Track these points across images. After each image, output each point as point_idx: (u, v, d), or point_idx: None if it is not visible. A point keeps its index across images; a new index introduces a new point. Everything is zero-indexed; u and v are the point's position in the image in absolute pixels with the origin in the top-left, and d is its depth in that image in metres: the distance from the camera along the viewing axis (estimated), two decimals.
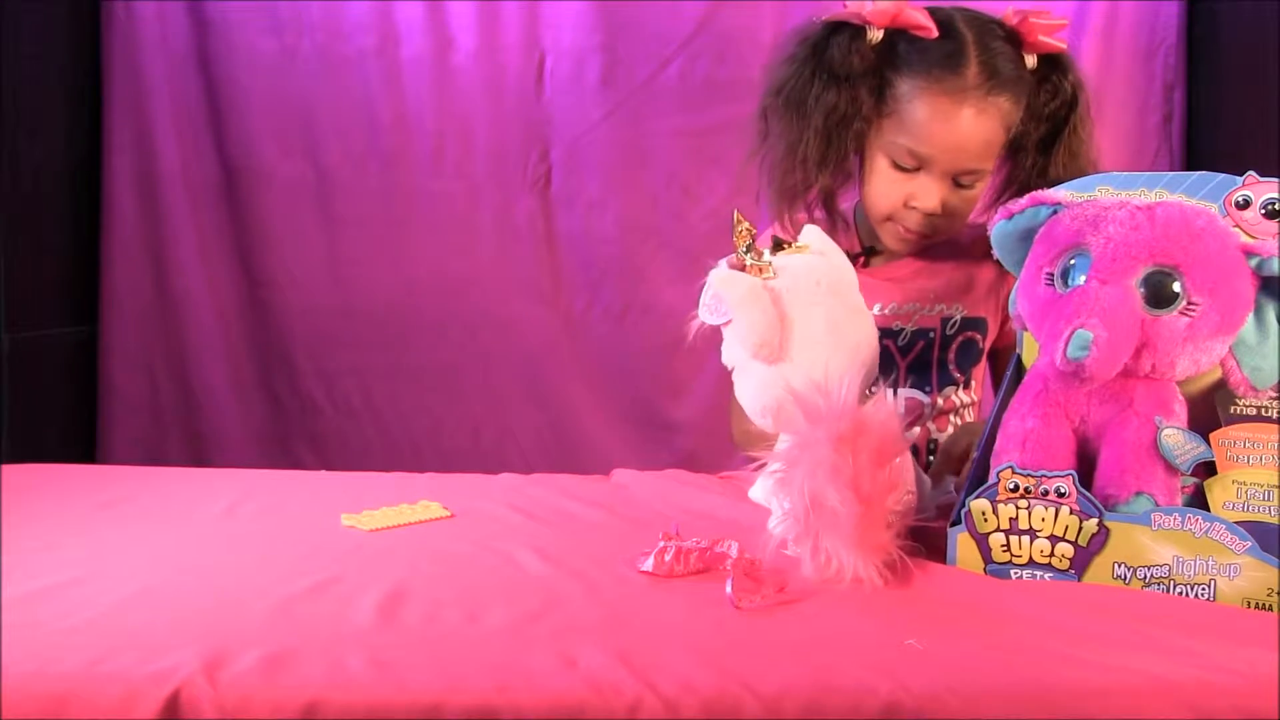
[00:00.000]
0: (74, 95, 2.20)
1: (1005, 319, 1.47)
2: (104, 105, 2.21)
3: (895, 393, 1.42)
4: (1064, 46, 1.39)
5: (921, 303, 1.44)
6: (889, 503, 1.02)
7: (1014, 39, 1.36)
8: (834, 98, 1.35)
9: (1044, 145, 1.38)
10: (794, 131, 1.38)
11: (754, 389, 1.15)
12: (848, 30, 1.36)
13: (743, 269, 1.15)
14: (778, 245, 1.18)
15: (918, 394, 1.44)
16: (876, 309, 1.41)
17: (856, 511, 0.99)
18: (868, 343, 1.17)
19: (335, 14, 2.22)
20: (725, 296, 1.12)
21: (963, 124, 1.33)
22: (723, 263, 1.18)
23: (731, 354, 1.17)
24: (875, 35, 1.35)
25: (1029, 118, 1.37)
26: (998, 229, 1.17)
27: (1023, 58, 1.36)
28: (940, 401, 1.44)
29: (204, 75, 2.23)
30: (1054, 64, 1.38)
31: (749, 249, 1.16)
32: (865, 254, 1.47)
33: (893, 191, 1.37)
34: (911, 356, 1.43)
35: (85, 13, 2.19)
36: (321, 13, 2.22)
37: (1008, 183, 1.40)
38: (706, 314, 1.16)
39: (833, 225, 1.42)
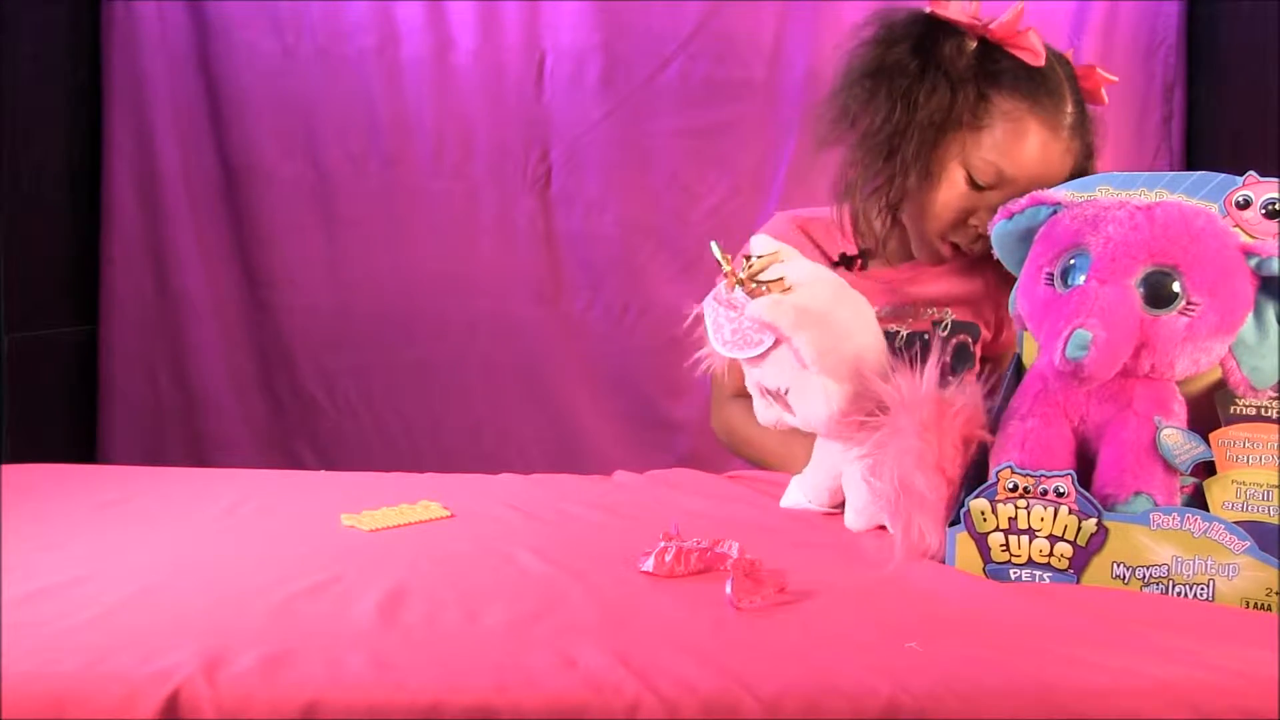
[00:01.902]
0: (74, 95, 2.20)
1: (1001, 328, 1.47)
2: (104, 105, 2.21)
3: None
4: (1106, 102, 1.40)
5: (915, 306, 1.45)
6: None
7: (1075, 80, 1.37)
8: (945, 99, 1.33)
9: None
10: (894, 125, 1.34)
11: (823, 401, 1.15)
12: (953, 31, 1.35)
13: (755, 293, 1.15)
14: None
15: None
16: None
17: (944, 494, 1.04)
18: (878, 326, 1.20)
19: (335, 14, 2.22)
20: (779, 324, 1.12)
21: (1053, 156, 1.34)
22: (721, 292, 1.18)
23: (780, 377, 1.17)
24: (972, 43, 1.34)
25: None
26: (998, 229, 1.17)
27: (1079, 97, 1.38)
28: None
29: (204, 75, 2.23)
30: (1086, 114, 1.39)
31: (748, 271, 1.16)
32: (861, 257, 1.47)
33: (957, 205, 1.37)
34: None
35: (85, 13, 2.19)
36: (321, 13, 2.22)
37: None
38: (728, 349, 1.17)
39: (892, 226, 1.42)
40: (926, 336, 1.42)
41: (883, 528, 1.14)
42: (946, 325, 1.43)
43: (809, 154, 1.44)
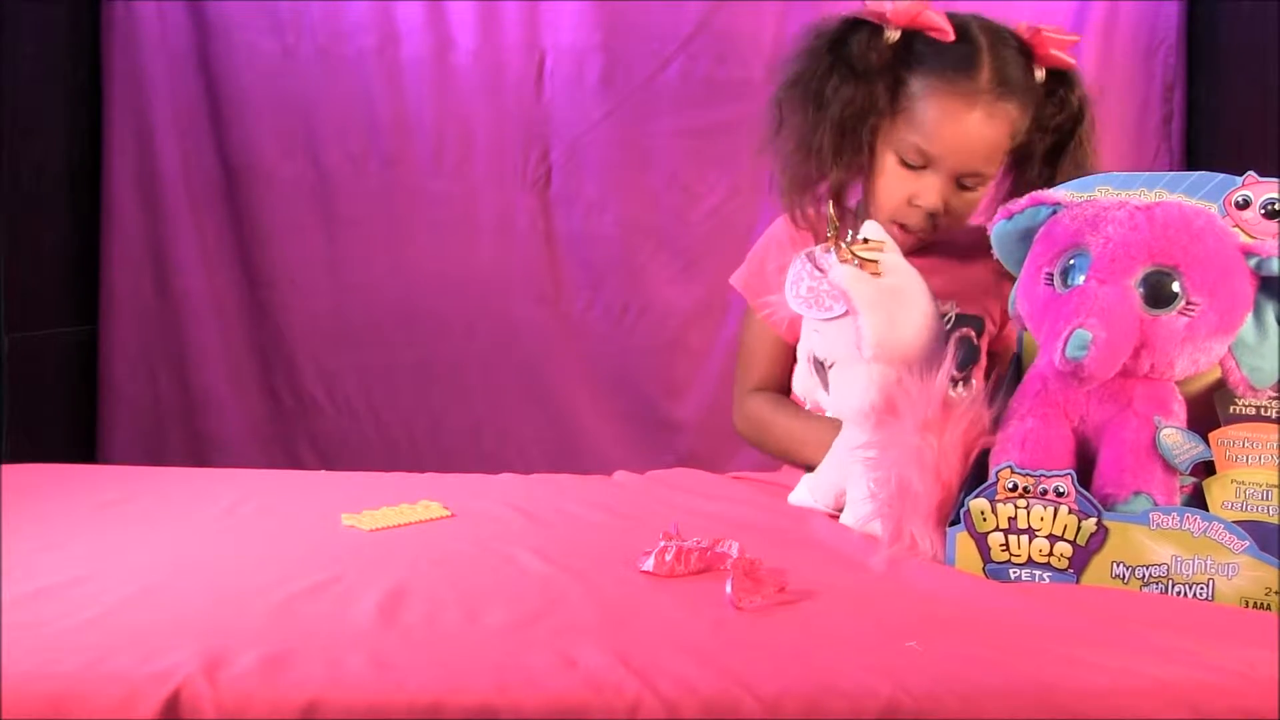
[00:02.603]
0: (74, 95, 2.20)
1: (1005, 320, 1.47)
2: (104, 105, 2.21)
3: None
4: (1073, 63, 1.41)
5: None
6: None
7: (1025, 50, 1.40)
8: (851, 92, 1.38)
9: (1050, 157, 1.41)
10: (809, 123, 1.41)
11: (862, 386, 1.15)
12: (867, 27, 1.39)
13: (846, 262, 1.16)
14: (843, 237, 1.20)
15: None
16: None
17: (938, 497, 1.05)
18: (941, 341, 1.21)
19: (335, 14, 2.22)
20: (855, 296, 1.13)
21: (971, 126, 1.36)
22: (816, 251, 1.19)
23: (833, 349, 1.18)
24: (893, 34, 1.38)
25: (1035, 129, 1.40)
26: (998, 229, 1.17)
27: (1033, 69, 1.40)
28: None
29: (204, 75, 2.22)
30: (1062, 79, 1.41)
31: (850, 243, 1.17)
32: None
33: (898, 188, 1.40)
34: None
35: (85, 13, 2.19)
36: (321, 13, 2.22)
37: (1013, 192, 1.42)
38: (798, 304, 1.18)
39: (842, 218, 1.42)
40: None
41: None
42: (950, 319, 1.43)
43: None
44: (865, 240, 1.18)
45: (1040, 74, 1.40)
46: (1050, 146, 1.41)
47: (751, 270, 1.55)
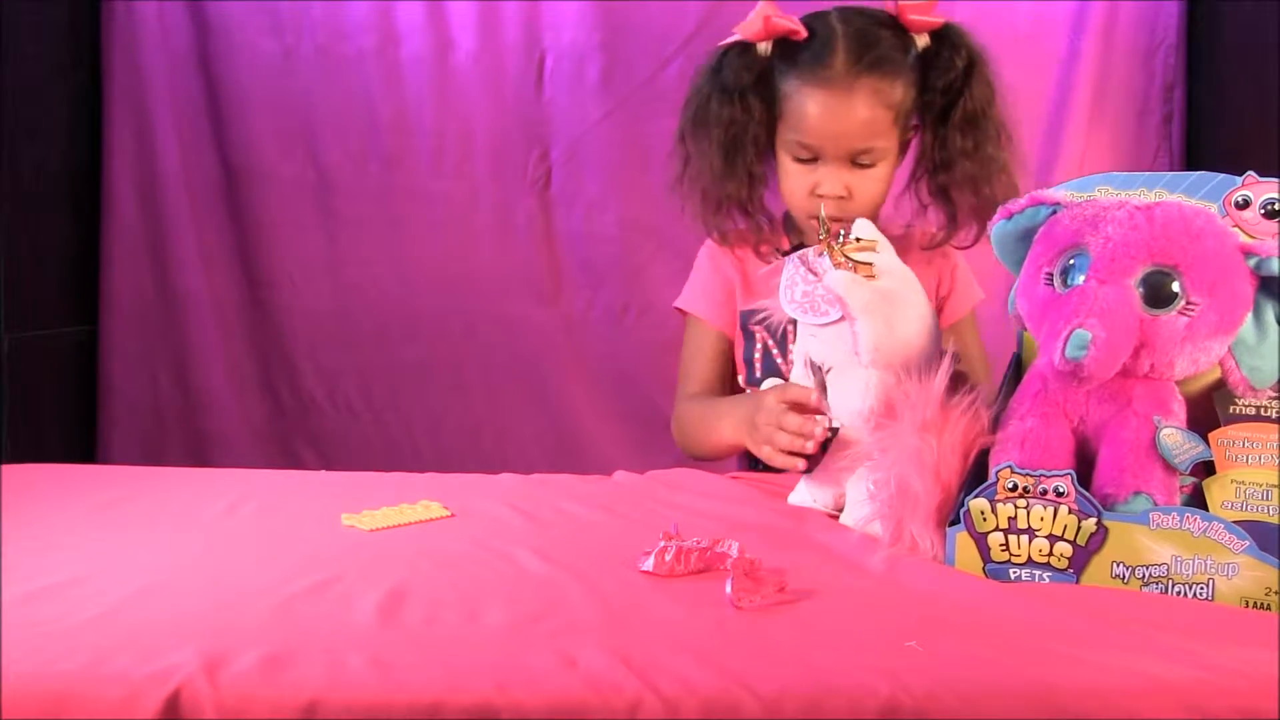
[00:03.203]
0: (74, 95, 2.20)
1: (942, 308, 1.52)
2: (104, 105, 2.21)
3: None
4: (939, 22, 1.44)
5: None
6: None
7: (896, 25, 1.44)
8: (730, 111, 1.46)
9: (942, 117, 1.45)
10: (701, 148, 1.48)
11: (861, 393, 1.15)
12: (738, 48, 1.46)
13: (840, 266, 1.16)
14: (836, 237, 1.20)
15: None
16: None
17: (938, 498, 1.05)
18: (939, 343, 1.21)
19: (335, 14, 2.22)
20: (850, 302, 1.13)
21: (836, 108, 1.41)
22: (810, 254, 1.20)
23: (830, 355, 1.18)
24: (765, 48, 1.45)
25: (924, 94, 1.45)
26: (997, 229, 1.17)
27: (906, 41, 1.44)
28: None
29: (204, 76, 2.23)
30: (943, 40, 1.45)
31: (841, 245, 1.17)
32: (796, 250, 1.49)
33: (800, 185, 1.45)
34: None
35: (85, 13, 2.20)
36: (322, 13, 2.22)
37: (919, 158, 1.48)
38: (793, 309, 1.19)
39: (756, 229, 1.52)
40: None
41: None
42: None
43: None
44: (858, 240, 1.18)
45: (924, 41, 1.44)
46: (943, 107, 1.45)
47: (692, 291, 1.59)
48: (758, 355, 1.50)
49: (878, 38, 1.43)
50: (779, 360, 1.48)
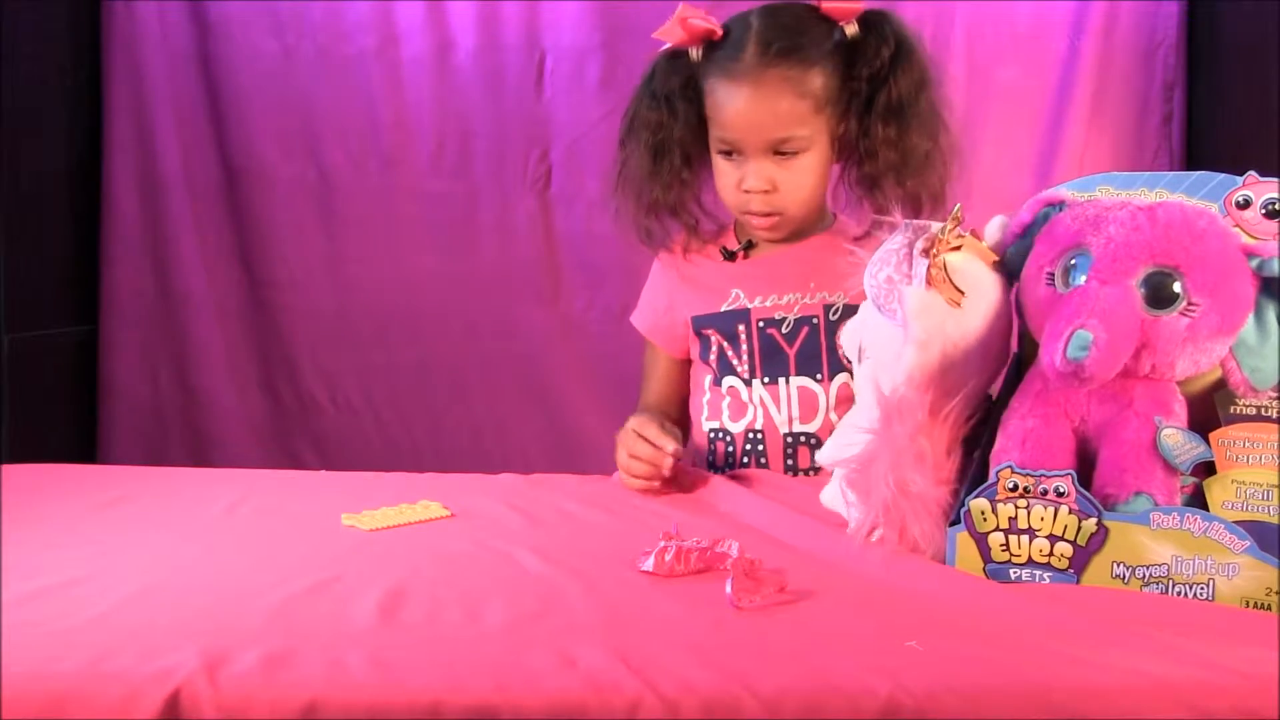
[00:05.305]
0: (74, 95, 2.20)
1: None
2: (104, 105, 2.21)
3: (788, 381, 1.45)
4: (858, 8, 1.43)
5: (801, 291, 1.46)
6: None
7: (819, 15, 1.44)
8: (655, 115, 1.47)
9: (867, 105, 1.43)
10: (632, 153, 1.50)
11: (878, 390, 1.13)
12: (670, 54, 1.47)
13: (930, 279, 1.10)
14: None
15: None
16: (757, 300, 1.47)
17: (943, 494, 1.05)
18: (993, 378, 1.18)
19: (335, 14, 2.22)
20: (914, 329, 1.10)
21: (749, 100, 1.41)
22: (918, 247, 1.13)
23: (875, 345, 1.16)
24: (696, 53, 1.45)
25: (847, 82, 1.43)
26: (1012, 249, 1.17)
27: (830, 30, 1.42)
28: (835, 390, 1.44)
29: (205, 76, 2.23)
30: (870, 28, 1.43)
31: (945, 258, 1.11)
32: (744, 248, 1.50)
33: (728, 181, 1.45)
34: (798, 345, 1.45)
35: (85, 13, 2.20)
36: (322, 13, 2.22)
37: (840, 146, 1.45)
38: (870, 289, 1.15)
39: (691, 231, 1.53)
40: (816, 320, 1.43)
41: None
42: (839, 309, 1.44)
43: None
44: (959, 241, 1.11)
45: (852, 29, 1.42)
46: (868, 95, 1.43)
47: (640, 307, 1.61)
48: (713, 356, 1.50)
49: (793, 28, 1.42)
50: (733, 359, 1.47)
